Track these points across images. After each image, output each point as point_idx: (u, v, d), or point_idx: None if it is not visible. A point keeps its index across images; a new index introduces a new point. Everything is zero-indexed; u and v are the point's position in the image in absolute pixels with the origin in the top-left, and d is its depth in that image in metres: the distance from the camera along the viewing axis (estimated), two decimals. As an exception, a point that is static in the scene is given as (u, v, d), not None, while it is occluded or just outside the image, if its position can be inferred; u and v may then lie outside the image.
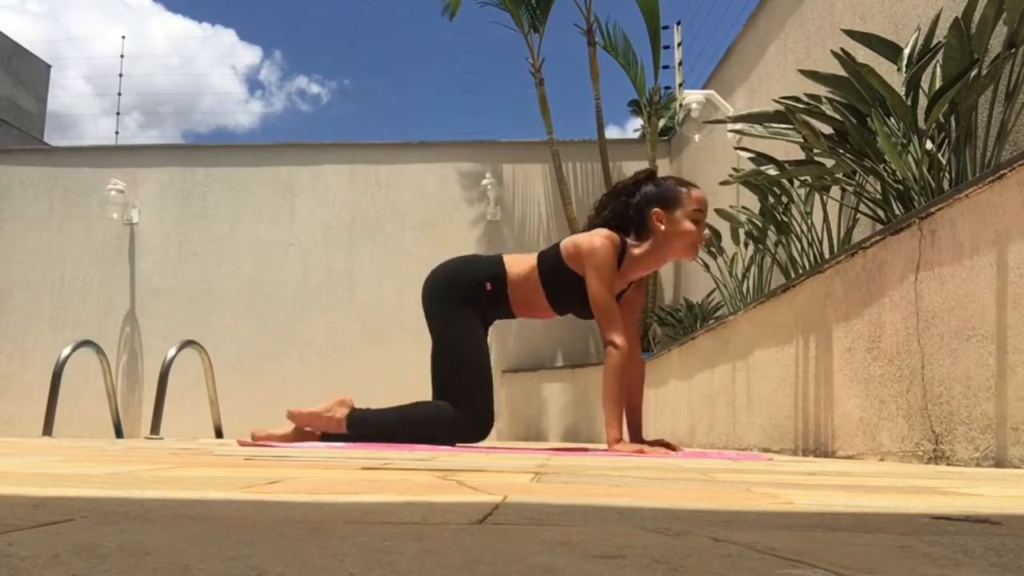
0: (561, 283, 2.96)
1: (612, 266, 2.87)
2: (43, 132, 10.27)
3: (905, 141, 2.50)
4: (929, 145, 2.47)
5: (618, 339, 2.79)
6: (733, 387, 3.76)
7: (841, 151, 2.70)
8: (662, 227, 2.89)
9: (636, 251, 2.95)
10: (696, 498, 0.98)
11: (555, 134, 7.63)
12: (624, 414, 2.90)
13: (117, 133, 10.67)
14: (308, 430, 2.97)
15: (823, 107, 2.81)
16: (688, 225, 2.89)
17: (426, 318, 3.11)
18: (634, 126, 17.44)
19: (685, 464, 1.93)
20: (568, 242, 2.96)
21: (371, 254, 8.11)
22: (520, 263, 3.04)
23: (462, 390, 2.95)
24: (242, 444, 3.01)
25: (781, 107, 2.87)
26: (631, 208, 2.98)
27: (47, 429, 4.83)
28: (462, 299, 3.02)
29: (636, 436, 3.03)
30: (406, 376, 7.90)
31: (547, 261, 2.98)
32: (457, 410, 2.92)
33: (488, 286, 2.99)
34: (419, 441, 2.85)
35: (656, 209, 2.90)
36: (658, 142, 7.52)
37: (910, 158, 2.48)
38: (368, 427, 2.96)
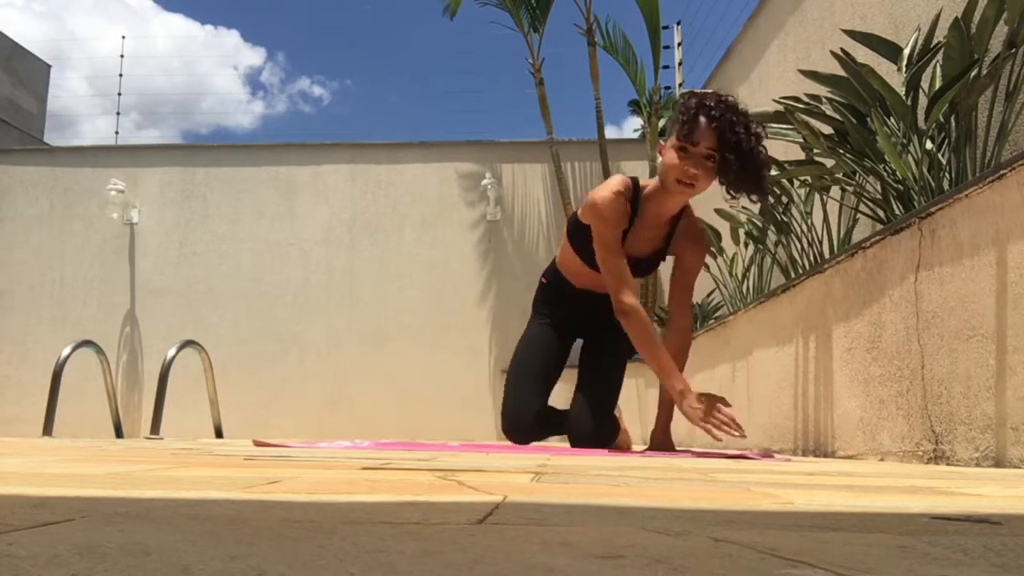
0: (582, 239, 2.73)
1: (611, 220, 2.56)
2: (43, 132, 10.24)
3: (905, 141, 2.50)
4: (929, 145, 2.47)
5: (625, 297, 2.53)
6: (733, 387, 3.76)
7: (841, 151, 2.70)
8: (660, 158, 2.56)
9: (647, 189, 2.62)
10: (696, 498, 0.98)
11: (555, 134, 7.63)
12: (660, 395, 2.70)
13: (117, 133, 10.63)
14: None
15: (823, 107, 2.81)
16: (670, 157, 2.47)
17: None
18: (633, 126, 17.44)
19: (685, 464, 1.93)
20: (586, 197, 2.73)
21: (371, 254, 8.10)
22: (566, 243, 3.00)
23: (506, 386, 3.10)
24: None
25: (781, 107, 2.87)
26: None
27: (47, 429, 4.83)
28: (532, 310, 3.14)
29: (663, 435, 2.75)
30: (406, 376, 7.92)
31: (571, 223, 2.86)
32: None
33: (544, 280, 3.09)
34: None
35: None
36: (658, 142, 7.51)
37: (910, 158, 2.47)
38: None
